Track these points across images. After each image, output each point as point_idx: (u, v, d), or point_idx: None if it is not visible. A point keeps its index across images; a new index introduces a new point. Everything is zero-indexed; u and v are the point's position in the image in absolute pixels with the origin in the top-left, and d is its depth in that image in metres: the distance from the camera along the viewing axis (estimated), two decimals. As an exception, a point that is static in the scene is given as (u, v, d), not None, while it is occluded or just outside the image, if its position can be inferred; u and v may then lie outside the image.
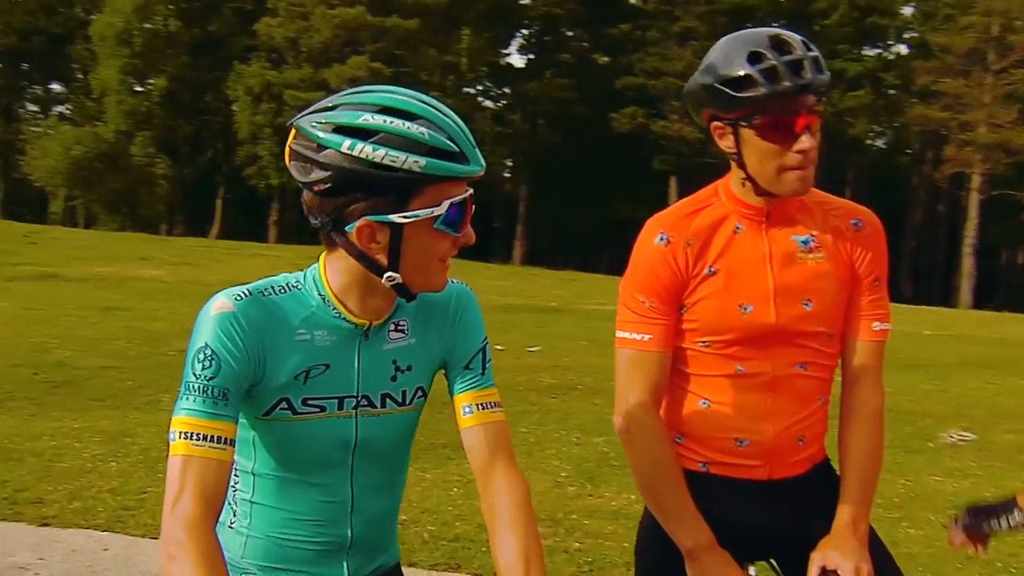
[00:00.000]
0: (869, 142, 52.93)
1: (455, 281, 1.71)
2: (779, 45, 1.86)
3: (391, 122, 1.44)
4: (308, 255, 26.61)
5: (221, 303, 1.51)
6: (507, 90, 53.82)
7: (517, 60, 68.26)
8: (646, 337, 1.98)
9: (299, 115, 1.52)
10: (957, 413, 9.40)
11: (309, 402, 1.57)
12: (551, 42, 51.46)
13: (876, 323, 2.05)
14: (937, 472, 6.85)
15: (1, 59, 53.92)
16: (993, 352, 15.33)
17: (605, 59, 51.44)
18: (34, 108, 59.72)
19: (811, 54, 1.86)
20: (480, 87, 53.82)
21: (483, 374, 1.72)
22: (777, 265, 1.97)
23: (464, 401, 1.70)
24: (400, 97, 1.49)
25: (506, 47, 52.71)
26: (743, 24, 45.29)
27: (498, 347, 11.68)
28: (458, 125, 1.50)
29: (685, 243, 1.97)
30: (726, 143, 1.93)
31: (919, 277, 48.67)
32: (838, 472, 2.07)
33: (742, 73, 1.83)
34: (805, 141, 1.86)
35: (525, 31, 52.78)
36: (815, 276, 1.98)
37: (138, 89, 46.93)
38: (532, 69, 51.82)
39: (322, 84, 41.32)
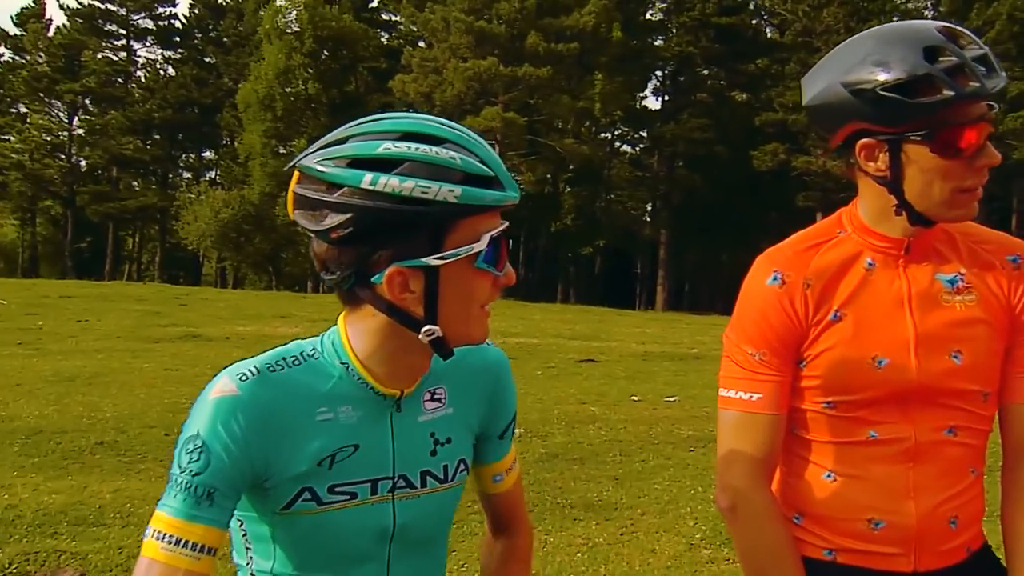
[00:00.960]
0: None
1: (490, 343, 1.54)
2: (955, 38, 1.54)
3: (417, 148, 1.28)
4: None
5: (222, 385, 1.34)
6: (643, 133, 53.10)
7: (653, 102, 67.78)
8: (755, 397, 1.71)
9: (301, 155, 1.34)
10: None
11: (337, 489, 1.39)
12: (686, 82, 50.55)
13: None
14: None
15: (159, 131, 56.83)
16: None
17: (743, 96, 50.13)
18: (188, 175, 62.59)
19: (987, 48, 1.55)
20: (617, 131, 53.33)
21: (509, 442, 1.64)
22: (918, 309, 1.68)
23: (495, 471, 1.63)
24: (422, 121, 1.33)
25: (641, 90, 52.04)
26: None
27: (633, 397, 10.96)
28: (488, 148, 1.34)
29: (804, 283, 1.70)
30: (876, 165, 1.63)
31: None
32: (1004, 562, 1.72)
33: (921, 73, 1.51)
34: (993, 153, 1.59)
35: (659, 72, 52.09)
36: (965, 322, 1.67)
37: (281, 151, 48.41)
38: (668, 111, 50.98)
39: (457, 136, 41.51)
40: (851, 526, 1.72)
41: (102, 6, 56.36)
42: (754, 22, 52.26)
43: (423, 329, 1.33)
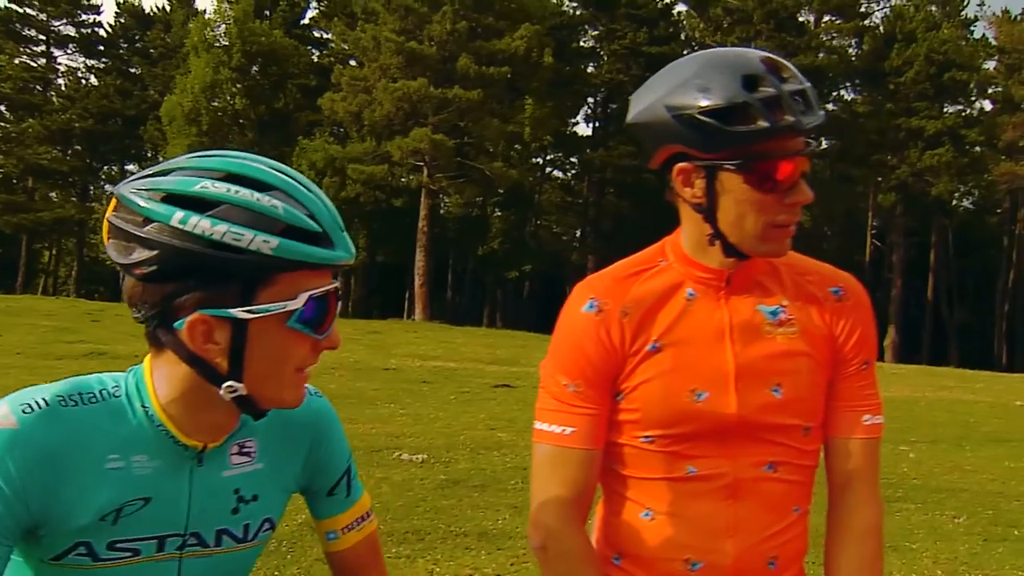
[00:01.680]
0: (955, 202, 51.15)
1: (314, 393, 1.48)
2: (776, 70, 1.52)
3: (237, 191, 1.20)
4: (370, 329, 26.15)
5: (1, 415, 1.20)
6: (574, 159, 53.34)
7: (583, 128, 68.35)
8: (568, 430, 1.63)
9: (123, 181, 1.26)
10: None
11: (118, 546, 1.26)
12: (617, 109, 50.98)
13: (867, 416, 1.69)
14: (1021, 565, 6.12)
15: (79, 141, 55.31)
16: None
17: (672, 125, 50.58)
18: (109, 188, 60.68)
19: (808, 84, 1.54)
20: (547, 156, 53.51)
21: (349, 494, 1.54)
22: (739, 341, 1.63)
23: (327, 528, 1.54)
24: (251, 164, 1.24)
25: (572, 115, 52.28)
26: (815, 86, 45.74)
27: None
28: (322, 201, 1.25)
29: (621, 312, 1.63)
30: (692, 191, 1.58)
31: (1015, 343, 46.29)
32: None
33: (739, 101, 1.48)
34: (807, 191, 1.57)
35: (591, 99, 52.43)
36: (786, 355, 1.64)
37: (205, 167, 47.35)
38: (598, 137, 51.35)
39: (385, 157, 41.27)
40: (668, 567, 1.65)
41: (20, 10, 54.64)
42: (684, 52, 52.79)
43: (224, 385, 1.23)
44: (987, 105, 49.60)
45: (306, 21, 54.29)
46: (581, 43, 52.02)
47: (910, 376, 22.44)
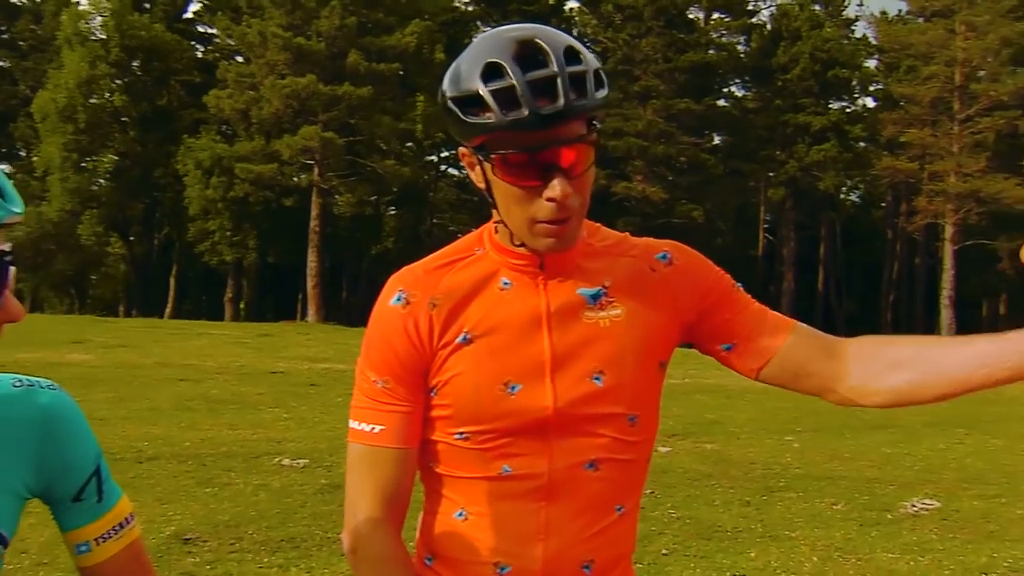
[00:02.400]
0: (843, 196, 52.68)
1: (45, 386, 1.36)
2: (529, 56, 1.43)
3: None
4: (260, 332, 25.47)
5: None
6: (469, 157, 52.95)
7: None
8: (378, 429, 1.58)
9: None
10: (922, 479, 8.89)
11: None
12: (510, 106, 50.89)
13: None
14: (893, 548, 6.34)
15: (-55, 140, 52.49)
16: (966, 409, 14.82)
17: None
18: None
19: (573, 69, 1.42)
20: (442, 154, 53.05)
21: (100, 499, 1.39)
22: (557, 329, 1.56)
23: (77, 540, 1.38)
24: None
25: (466, 113, 51.99)
26: (706, 83, 45.23)
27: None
28: None
29: (430, 304, 1.57)
30: (476, 175, 1.54)
31: (899, 331, 47.89)
32: None
33: (473, 92, 1.43)
34: (556, 187, 1.45)
35: (484, 96, 52.20)
36: (609, 339, 1.56)
37: (83, 166, 45.49)
38: (493, 134, 51.06)
39: (274, 156, 40.19)
40: (478, 570, 1.58)
41: None
42: (576, 50, 53.21)
43: None
44: (869, 102, 51.28)
45: (189, 15, 52.46)
46: (473, 39, 51.63)
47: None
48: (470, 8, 51.04)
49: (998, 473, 9.21)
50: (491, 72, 1.42)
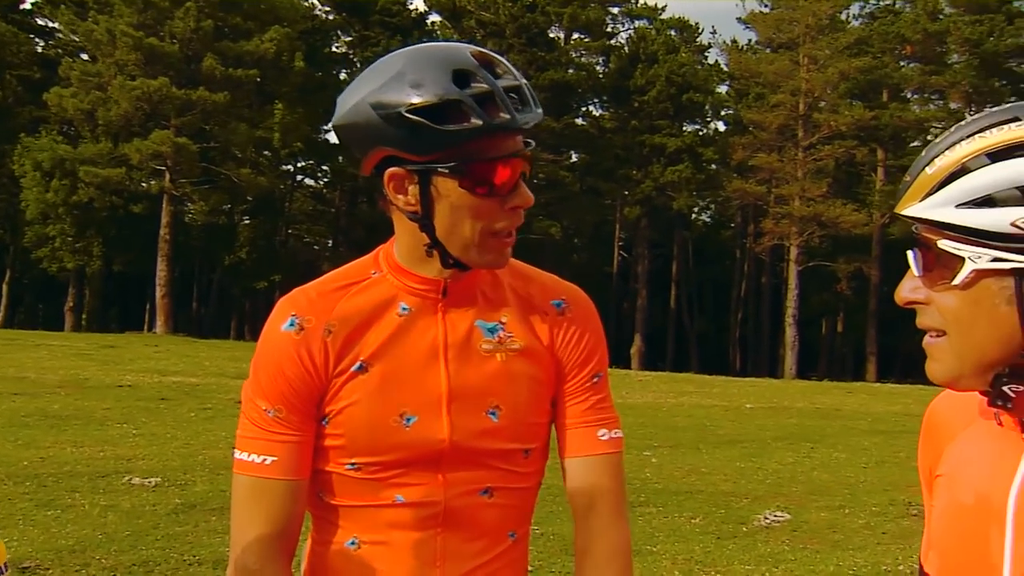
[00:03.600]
0: (695, 216, 54.41)
1: None
2: (489, 65, 1.45)
3: None
4: (104, 343, 24.26)
5: None
6: (326, 167, 52.11)
7: (335, 136, 67.05)
8: (269, 460, 1.52)
9: None
10: (773, 491, 9.19)
11: None
12: (371, 118, 50.34)
13: (602, 431, 1.62)
14: (749, 560, 6.55)
15: None
16: (811, 423, 15.46)
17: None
18: None
19: (524, 81, 1.47)
20: (299, 164, 51.97)
21: None
22: (454, 360, 1.54)
23: None
24: None
25: (324, 122, 50.98)
26: (565, 101, 45.86)
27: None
28: None
29: (325, 330, 1.52)
30: (406, 198, 1.48)
31: (747, 349, 49.74)
32: None
33: (451, 98, 1.40)
34: (527, 194, 1.50)
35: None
36: (505, 376, 1.56)
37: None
38: (351, 145, 50.39)
39: (122, 160, 38.44)
40: None
41: None
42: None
43: None
44: (721, 126, 53.20)
45: (27, 6, 49.56)
46: (333, 48, 50.96)
47: (654, 383, 23.50)
48: (330, 17, 50.28)
49: (842, 485, 9.59)
50: (462, 78, 1.40)
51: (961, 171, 1.12)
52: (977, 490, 1.27)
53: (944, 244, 1.13)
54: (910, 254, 1.17)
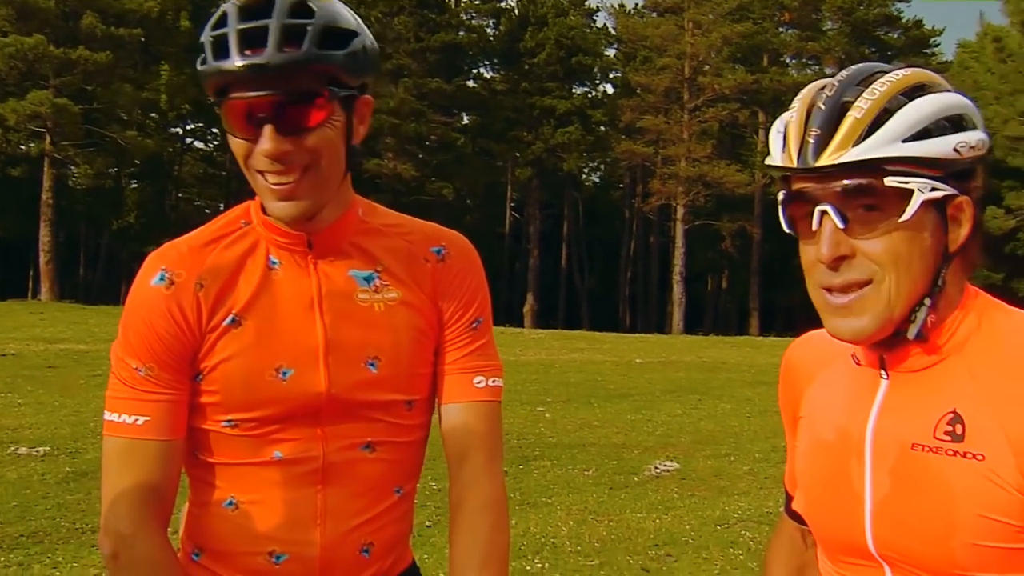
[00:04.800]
0: (585, 177, 55.19)
1: None
2: (250, 8, 1.38)
3: None
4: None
5: None
6: (215, 130, 50.96)
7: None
8: (141, 420, 1.45)
9: None
10: (662, 443, 9.43)
11: None
12: (260, 78, 49.31)
13: (479, 378, 1.57)
14: (640, 508, 6.76)
15: None
16: (698, 377, 15.78)
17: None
18: None
19: (294, 21, 1.36)
20: (189, 126, 50.72)
21: None
22: (329, 312, 1.49)
23: None
24: None
25: (212, 83, 49.87)
26: (456, 63, 45.64)
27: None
28: None
29: (197, 284, 1.46)
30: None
31: (636, 306, 50.95)
32: None
33: (202, 40, 1.41)
34: (266, 139, 1.36)
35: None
36: (384, 325, 1.50)
37: None
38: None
39: (-1, 120, 37.01)
40: (251, 561, 1.50)
41: None
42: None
43: None
44: (609, 89, 53.92)
45: None
46: (220, 7, 49.61)
47: (547, 340, 23.75)
48: (216, -26, 48.97)
49: (727, 434, 10.02)
50: (221, 19, 1.41)
51: (886, 113, 1.16)
52: (837, 426, 1.32)
53: (891, 181, 1.15)
54: (828, 209, 1.17)
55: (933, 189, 1.16)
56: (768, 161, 1.26)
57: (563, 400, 12.16)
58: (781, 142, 1.23)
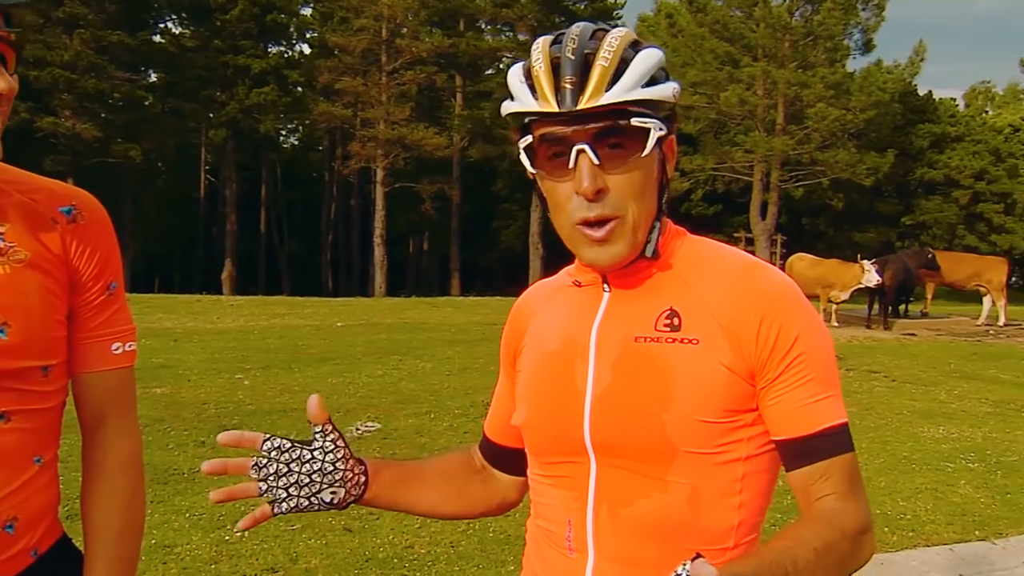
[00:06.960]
0: (282, 139, 53.87)
1: None
2: None
3: None
4: None
5: None
6: None
7: None
8: None
9: None
10: (364, 404, 9.53)
11: None
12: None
13: (116, 344, 1.58)
14: None
15: None
16: (399, 337, 16.02)
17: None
18: None
19: None
20: None
21: None
22: None
23: None
24: None
25: None
26: (139, 16, 42.49)
27: None
28: None
29: None
30: None
31: (338, 269, 50.69)
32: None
33: None
34: None
35: None
36: (12, 289, 1.42)
37: None
38: None
39: None
40: None
41: None
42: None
43: None
44: (306, 49, 52.79)
45: None
46: None
47: (246, 307, 23.28)
48: None
49: (428, 392, 10.21)
50: None
51: (623, 63, 1.30)
52: (563, 336, 1.44)
53: (636, 121, 1.30)
54: (586, 147, 1.29)
55: (660, 129, 1.32)
56: (515, 108, 1.35)
57: (262, 367, 11.96)
58: (530, 90, 1.32)
